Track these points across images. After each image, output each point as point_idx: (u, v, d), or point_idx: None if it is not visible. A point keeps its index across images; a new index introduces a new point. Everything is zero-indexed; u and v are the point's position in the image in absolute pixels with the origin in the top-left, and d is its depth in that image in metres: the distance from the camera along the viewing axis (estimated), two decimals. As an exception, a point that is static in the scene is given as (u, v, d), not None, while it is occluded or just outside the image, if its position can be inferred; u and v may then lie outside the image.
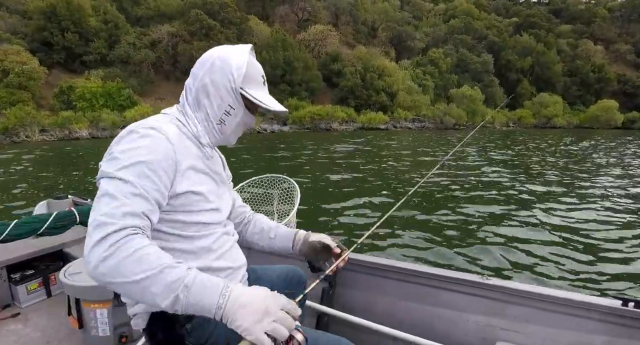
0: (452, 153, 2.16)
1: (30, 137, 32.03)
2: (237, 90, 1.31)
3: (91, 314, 2.25)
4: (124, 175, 1.10)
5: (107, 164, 1.15)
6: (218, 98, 1.32)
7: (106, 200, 1.07)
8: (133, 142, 1.16)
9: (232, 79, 1.29)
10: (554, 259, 5.57)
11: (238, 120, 1.37)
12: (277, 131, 44.88)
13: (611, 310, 1.56)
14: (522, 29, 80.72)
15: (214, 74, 1.30)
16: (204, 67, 1.33)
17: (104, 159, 1.20)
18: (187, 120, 1.35)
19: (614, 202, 9.45)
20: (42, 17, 42.01)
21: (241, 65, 1.30)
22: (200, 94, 1.34)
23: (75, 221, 2.90)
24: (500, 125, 62.46)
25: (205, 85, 1.32)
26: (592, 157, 19.61)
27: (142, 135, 1.18)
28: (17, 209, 8.84)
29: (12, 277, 2.79)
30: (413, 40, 70.58)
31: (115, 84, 41.06)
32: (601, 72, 74.16)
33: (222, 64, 1.30)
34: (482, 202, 9.21)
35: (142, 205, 1.10)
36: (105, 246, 1.00)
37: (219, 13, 50.51)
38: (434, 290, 1.96)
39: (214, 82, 1.31)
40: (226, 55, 1.31)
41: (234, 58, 1.31)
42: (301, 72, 51.06)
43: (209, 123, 1.36)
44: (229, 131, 1.39)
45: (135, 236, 1.04)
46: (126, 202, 1.07)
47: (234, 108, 1.33)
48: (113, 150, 1.17)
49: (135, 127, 1.21)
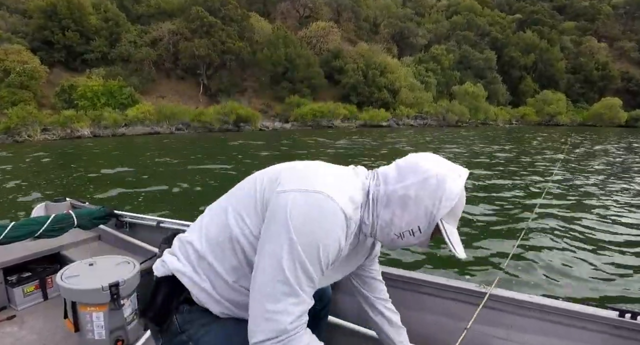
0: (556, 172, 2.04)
1: (32, 136, 32.04)
2: (434, 220, 1.18)
3: (87, 318, 2.23)
4: (307, 260, 1.09)
5: (292, 223, 1.09)
6: (413, 216, 1.19)
7: (286, 290, 1.09)
8: (322, 218, 1.10)
9: (437, 206, 1.16)
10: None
11: (416, 242, 1.24)
12: (279, 129, 44.88)
13: (608, 321, 1.55)
14: (526, 25, 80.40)
15: (423, 191, 1.17)
16: (416, 176, 1.19)
17: (289, 198, 1.13)
18: (368, 206, 1.25)
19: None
20: (43, 16, 41.95)
21: (454, 197, 1.16)
22: (396, 200, 1.20)
23: (73, 224, 2.90)
24: (503, 123, 62.35)
25: (408, 197, 1.18)
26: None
27: (333, 214, 1.12)
28: (15, 211, 8.79)
29: (8, 279, 2.78)
30: (415, 37, 70.39)
31: (116, 83, 41.08)
32: (605, 70, 73.86)
33: (437, 186, 1.16)
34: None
35: (311, 297, 1.15)
36: (274, 340, 1.08)
37: (220, 10, 50.40)
38: (431, 298, 1.95)
39: (418, 198, 1.17)
40: (446, 178, 1.16)
41: (450, 184, 1.16)
42: (303, 69, 50.98)
43: (388, 228, 1.23)
44: (400, 244, 1.27)
45: (302, 333, 1.13)
46: (304, 300, 1.11)
47: (420, 232, 1.20)
48: (299, 211, 1.10)
49: (330, 193, 1.13)
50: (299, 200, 1.11)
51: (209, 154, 20.12)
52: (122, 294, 2.23)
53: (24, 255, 2.88)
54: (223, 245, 1.25)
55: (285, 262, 1.08)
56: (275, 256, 1.09)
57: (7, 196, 10.37)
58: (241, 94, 50.43)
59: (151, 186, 11.53)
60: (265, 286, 1.10)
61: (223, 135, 35.25)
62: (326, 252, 1.11)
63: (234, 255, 1.24)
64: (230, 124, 41.09)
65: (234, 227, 1.23)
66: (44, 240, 2.86)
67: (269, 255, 1.11)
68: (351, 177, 1.27)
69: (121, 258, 2.50)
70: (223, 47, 48.27)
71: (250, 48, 51.71)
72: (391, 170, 1.26)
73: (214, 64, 49.19)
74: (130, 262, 2.45)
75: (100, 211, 3.17)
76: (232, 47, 48.86)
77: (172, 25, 49.39)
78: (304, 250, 1.07)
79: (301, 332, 1.12)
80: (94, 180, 12.71)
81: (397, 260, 5.53)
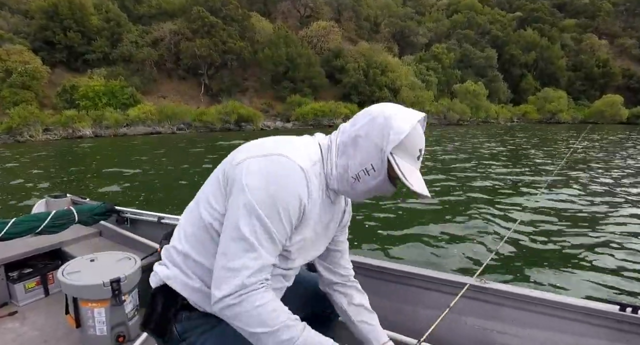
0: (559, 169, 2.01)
1: (34, 136, 32.10)
2: (385, 153, 1.17)
3: (89, 313, 2.23)
4: (263, 214, 1.11)
5: (250, 189, 1.12)
6: (364, 154, 1.20)
7: (244, 246, 1.12)
8: (278, 174, 1.14)
9: (386, 140, 1.16)
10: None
11: (374, 184, 1.22)
12: (280, 128, 44.89)
13: (609, 315, 1.55)
14: (526, 23, 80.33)
15: (371, 129, 1.19)
16: (365, 118, 1.23)
17: (239, 165, 1.17)
18: (329, 160, 1.28)
19: None
20: (44, 16, 42.03)
21: (402, 130, 1.16)
22: (349, 142, 1.24)
23: (73, 220, 2.90)
24: (504, 121, 62.28)
25: (358, 136, 1.21)
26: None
27: (287, 169, 1.15)
28: (17, 208, 8.82)
29: (9, 275, 2.78)
30: (416, 36, 70.38)
31: (118, 83, 41.15)
32: (606, 67, 73.68)
33: (384, 122, 1.18)
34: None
35: (273, 254, 1.17)
36: (234, 295, 1.10)
37: (221, 10, 50.40)
38: (430, 292, 1.95)
39: (367, 136, 1.20)
40: (393, 115, 1.19)
41: (398, 120, 1.18)
42: (304, 68, 50.98)
43: (346, 174, 1.24)
44: (361, 189, 1.25)
45: (260, 290, 1.13)
46: (262, 254, 1.13)
47: (374, 170, 1.20)
48: (255, 169, 1.14)
49: (283, 152, 1.17)
50: (252, 165, 1.14)
51: (211, 153, 20.11)
52: (123, 290, 2.22)
53: (25, 251, 2.88)
54: (201, 238, 1.26)
55: (242, 219, 1.10)
56: (234, 217, 1.12)
57: (8, 194, 10.40)
58: (242, 93, 50.46)
59: (152, 185, 11.56)
60: (224, 247, 1.13)
61: (224, 135, 35.26)
62: (285, 208, 1.12)
63: (213, 243, 1.23)
64: (231, 124, 41.11)
65: (206, 215, 1.24)
66: (45, 237, 2.86)
67: (229, 219, 1.14)
68: (306, 139, 1.32)
69: (122, 254, 2.50)
70: (224, 47, 48.29)
71: (251, 48, 51.71)
72: (348, 122, 1.30)
73: (215, 64, 49.22)
74: (132, 258, 2.45)
75: (101, 207, 3.17)
76: (233, 47, 48.88)
77: (174, 25, 49.44)
78: (260, 206, 1.10)
79: (261, 289, 1.13)
80: (94, 180, 12.72)
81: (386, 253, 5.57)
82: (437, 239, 6.38)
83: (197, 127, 40.21)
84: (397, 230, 6.85)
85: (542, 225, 7.08)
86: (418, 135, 1.21)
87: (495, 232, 6.70)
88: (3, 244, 2.59)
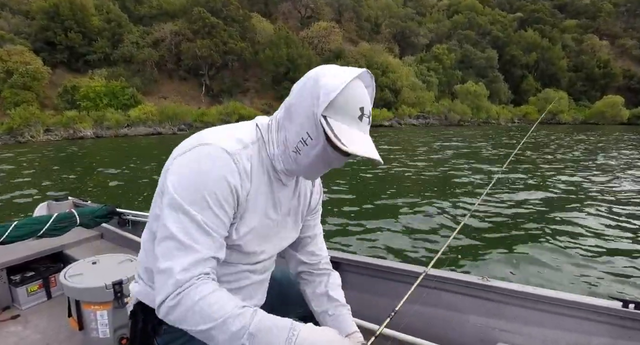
0: (507, 165, 2.04)
1: (35, 137, 32.14)
2: (317, 117, 1.05)
3: (91, 316, 2.23)
4: (188, 206, 1.03)
5: (173, 186, 1.05)
6: (298, 123, 1.09)
7: (174, 245, 1.03)
8: (200, 162, 1.05)
9: (316, 103, 1.04)
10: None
11: (315, 153, 1.10)
12: (281, 129, 44.83)
13: (611, 311, 1.55)
14: (527, 24, 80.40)
15: (301, 95, 1.09)
16: (298, 84, 1.13)
17: (169, 169, 1.10)
18: (271, 139, 1.18)
19: None
20: (45, 17, 42.15)
21: (332, 89, 1.02)
22: (285, 115, 1.14)
23: (75, 223, 2.89)
24: (505, 122, 62.27)
25: (292, 106, 1.11)
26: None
27: (209, 155, 1.06)
28: (18, 211, 8.81)
29: (12, 278, 2.77)
30: (417, 37, 70.44)
31: (118, 83, 41.23)
32: (606, 68, 73.76)
33: (313, 84, 1.06)
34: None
35: (209, 246, 1.06)
36: (171, 296, 1.01)
37: (222, 11, 50.47)
38: (433, 291, 1.94)
39: (298, 104, 1.09)
40: (322, 75, 1.07)
41: (328, 79, 1.05)
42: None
43: (286, 148, 1.14)
44: (305, 163, 1.13)
45: (199, 284, 1.03)
46: (194, 248, 1.03)
47: (311, 138, 1.08)
48: (178, 165, 1.08)
49: (207, 140, 1.10)
50: (177, 164, 1.08)
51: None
52: (125, 292, 2.22)
53: (27, 254, 2.88)
54: (146, 246, 1.22)
55: (169, 217, 1.03)
56: (163, 218, 1.05)
57: (10, 196, 10.39)
58: (243, 94, 50.51)
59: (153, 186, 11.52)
60: (157, 250, 1.06)
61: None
62: (212, 193, 1.04)
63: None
64: (232, 125, 41.13)
65: (153, 224, 1.17)
66: (46, 240, 2.86)
67: (160, 221, 1.07)
68: (243, 123, 1.24)
69: (124, 256, 2.50)
70: (225, 47, 48.34)
71: (252, 48, 51.77)
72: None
73: (216, 65, 49.28)
74: (133, 260, 2.45)
75: (103, 210, 3.17)
76: (234, 48, 48.93)
77: (174, 26, 49.51)
78: (183, 199, 1.02)
79: (199, 283, 1.03)
80: (96, 180, 12.73)
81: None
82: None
83: (197, 128, 40.14)
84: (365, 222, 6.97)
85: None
86: (357, 92, 1.07)
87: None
88: (5, 247, 2.59)
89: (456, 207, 8.34)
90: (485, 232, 6.70)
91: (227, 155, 1.07)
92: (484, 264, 5.32)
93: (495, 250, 5.85)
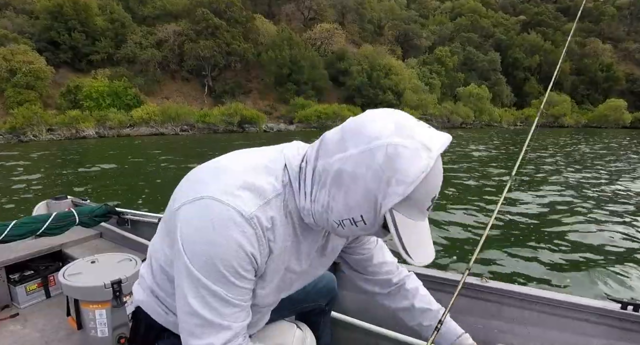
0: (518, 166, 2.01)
1: (38, 136, 32.22)
2: (381, 210, 0.84)
3: (90, 315, 2.22)
4: (207, 281, 0.91)
5: (185, 248, 0.92)
6: (351, 199, 0.86)
7: (199, 322, 0.95)
8: (211, 226, 0.89)
9: (385, 190, 0.81)
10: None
11: (362, 233, 0.95)
12: (283, 130, 44.92)
13: (610, 313, 1.54)
14: (530, 27, 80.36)
15: (363, 167, 0.82)
16: (359, 143, 0.84)
17: (178, 215, 0.95)
18: (301, 187, 0.97)
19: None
20: (49, 16, 42.21)
21: (412, 180, 0.79)
22: (331, 174, 0.88)
23: (74, 222, 2.89)
24: (507, 124, 62.23)
25: (343, 172, 0.85)
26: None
27: (220, 219, 0.89)
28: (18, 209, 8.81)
29: (11, 277, 2.77)
30: (419, 39, 70.40)
31: (121, 83, 41.30)
32: (609, 71, 73.75)
33: (386, 163, 0.80)
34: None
35: (238, 317, 0.98)
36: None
37: (225, 12, 50.51)
38: (431, 292, 1.93)
39: (356, 177, 0.83)
40: (400, 149, 0.80)
41: (408, 163, 0.79)
42: (307, 71, 51.02)
43: (325, 213, 0.92)
44: (344, 234, 0.97)
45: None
46: (223, 325, 0.95)
47: (365, 222, 0.88)
48: (187, 222, 0.93)
49: (214, 193, 0.91)
50: (188, 215, 0.92)
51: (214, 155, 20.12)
52: (124, 291, 2.22)
53: (26, 253, 2.88)
54: (167, 276, 1.10)
55: (189, 292, 0.92)
56: (180, 288, 0.95)
57: (10, 195, 10.40)
58: (246, 95, 50.54)
59: (154, 186, 11.56)
60: (182, 322, 0.97)
61: (228, 136, 35.29)
62: (230, 268, 0.90)
63: (164, 274, 1.10)
64: (234, 125, 41.18)
65: (163, 258, 1.08)
66: (45, 239, 2.86)
67: (177, 288, 0.97)
68: (267, 158, 1.01)
69: (123, 255, 2.49)
70: (228, 48, 48.40)
71: (255, 50, 51.82)
72: (334, 136, 0.91)
73: (219, 66, 49.34)
74: (132, 259, 2.44)
75: (102, 209, 3.17)
76: (237, 49, 49.00)
77: (178, 26, 49.54)
78: (201, 272, 0.90)
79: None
80: (96, 180, 12.74)
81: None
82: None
83: (200, 129, 40.29)
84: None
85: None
86: (436, 181, 0.86)
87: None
88: (4, 246, 2.59)
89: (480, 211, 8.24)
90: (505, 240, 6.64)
91: (242, 219, 0.89)
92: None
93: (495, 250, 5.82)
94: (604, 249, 6.11)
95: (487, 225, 1.64)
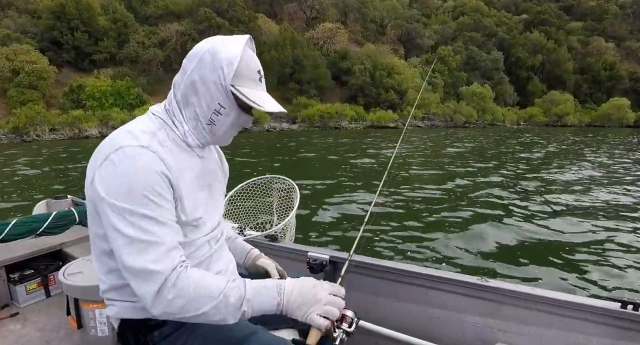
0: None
1: (41, 136, 32.32)
2: (227, 88, 1.16)
3: (90, 314, 2.21)
4: (132, 207, 1.05)
5: (107, 195, 1.06)
6: (207, 96, 1.17)
7: (137, 246, 1.06)
8: (124, 165, 1.06)
9: (222, 75, 1.14)
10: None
11: (231, 120, 1.23)
12: (286, 129, 44.97)
13: (610, 312, 1.54)
14: (532, 26, 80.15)
15: (203, 70, 1.16)
16: (192, 61, 1.18)
17: (94, 180, 1.10)
18: (175, 120, 1.23)
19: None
20: (52, 16, 42.40)
21: (232, 60, 1.14)
22: (188, 91, 1.19)
23: (74, 221, 2.88)
24: (510, 124, 62.11)
25: (194, 82, 1.17)
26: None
27: (129, 156, 1.07)
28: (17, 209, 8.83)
29: (10, 277, 2.77)
30: (422, 38, 70.38)
31: (124, 83, 41.42)
32: (612, 70, 73.53)
33: (212, 58, 1.15)
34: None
35: (171, 235, 1.11)
36: (163, 292, 1.05)
37: (228, 11, 50.63)
38: (432, 291, 1.94)
39: (203, 79, 1.16)
40: (217, 48, 1.16)
41: (225, 51, 1.15)
42: (310, 70, 51.06)
43: (199, 122, 1.22)
44: (221, 132, 1.25)
45: (184, 271, 1.09)
46: (159, 241, 1.08)
47: (224, 107, 1.19)
48: (104, 176, 1.08)
49: (118, 143, 1.10)
50: (102, 174, 1.08)
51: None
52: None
53: (26, 252, 2.87)
54: (112, 264, 1.20)
55: (120, 224, 1.05)
56: (112, 228, 1.06)
57: (10, 195, 10.43)
58: (248, 95, 50.58)
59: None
60: (121, 254, 1.06)
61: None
62: (149, 188, 1.07)
63: (108, 257, 1.20)
64: (237, 125, 41.21)
65: (101, 244, 1.19)
66: (45, 238, 2.85)
67: (109, 232, 1.08)
68: (138, 118, 1.25)
69: (123, 255, 2.49)
70: (230, 47, 48.42)
71: (257, 49, 51.56)
72: (178, 74, 1.25)
73: (221, 65, 49.34)
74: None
75: (103, 208, 3.16)
76: (239, 48, 49.02)
77: (180, 26, 49.68)
78: (127, 203, 1.04)
79: (182, 270, 1.08)
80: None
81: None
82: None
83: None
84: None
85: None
86: (250, 58, 1.22)
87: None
88: (4, 245, 2.59)
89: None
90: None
91: (143, 148, 1.09)
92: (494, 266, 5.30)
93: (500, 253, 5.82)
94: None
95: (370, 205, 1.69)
